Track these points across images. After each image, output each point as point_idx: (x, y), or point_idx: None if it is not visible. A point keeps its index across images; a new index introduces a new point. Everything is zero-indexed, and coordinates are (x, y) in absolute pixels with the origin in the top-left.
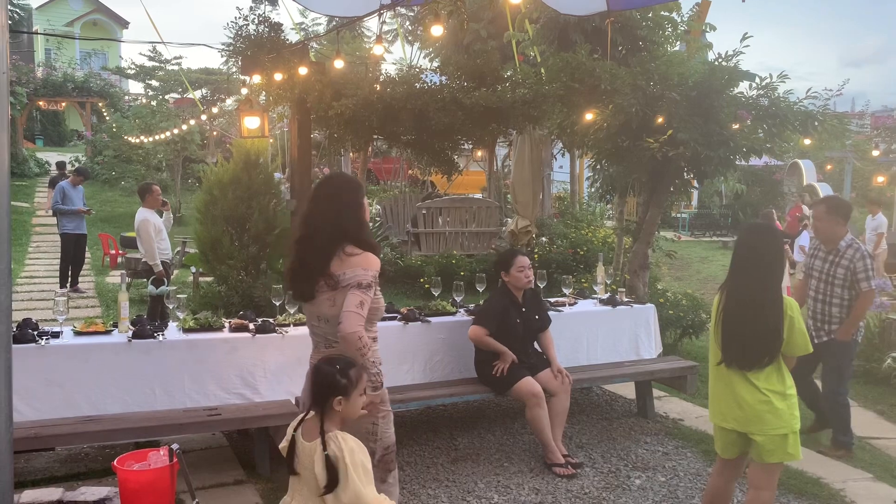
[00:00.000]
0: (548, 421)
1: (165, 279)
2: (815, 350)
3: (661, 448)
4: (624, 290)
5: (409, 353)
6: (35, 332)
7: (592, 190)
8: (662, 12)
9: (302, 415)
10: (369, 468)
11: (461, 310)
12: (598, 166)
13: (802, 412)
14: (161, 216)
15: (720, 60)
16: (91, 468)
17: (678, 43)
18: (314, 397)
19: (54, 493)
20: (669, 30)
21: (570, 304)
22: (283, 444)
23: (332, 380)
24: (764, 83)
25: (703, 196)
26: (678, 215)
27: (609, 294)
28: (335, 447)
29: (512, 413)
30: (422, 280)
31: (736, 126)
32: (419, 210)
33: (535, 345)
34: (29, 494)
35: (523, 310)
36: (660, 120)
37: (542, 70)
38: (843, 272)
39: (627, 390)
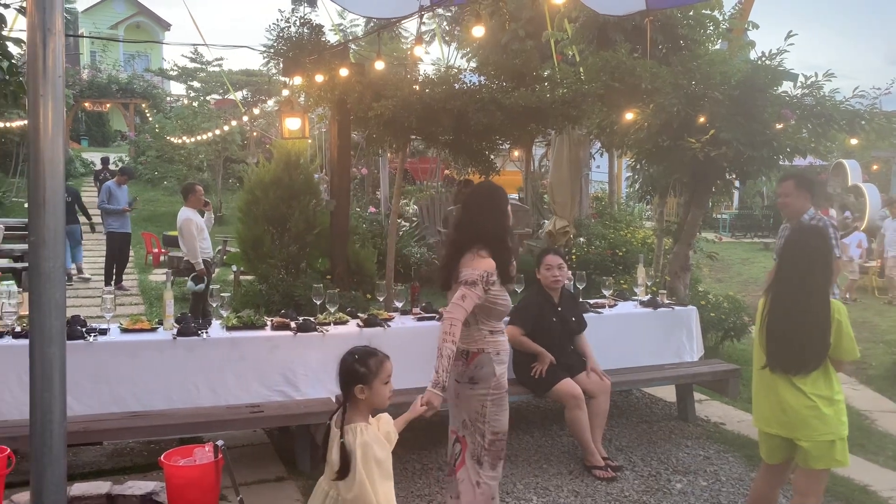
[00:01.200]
0: (587, 423)
1: (206, 277)
2: None
3: (703, 452)
4: (665, 291)
5: None
6: (83, 329)
7: (631, 190)
8: (704, 10)
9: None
10: (386, 464)
11: None
12: (638, 166)
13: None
14: (203, 216)
15: (763, 59)
16: (136, 462)
17: (719, 41)
18: (340, 387)
19: (103, 486)
20: (711, 28)
21: (610, 306)
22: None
23: (351, 368)
24: (809, 82)
25: (745, 197)
26: (719, 216)
27: (650, 296)
28: (350, 438)
29: (551, 415)
30: None
31: (780, 126)
32: (450, 212)
33: (573, 346)
34: (79, 487)
35: (559, 310)
36: (702, 119)
37: (581, 69)
38: None
39: (668, 393)
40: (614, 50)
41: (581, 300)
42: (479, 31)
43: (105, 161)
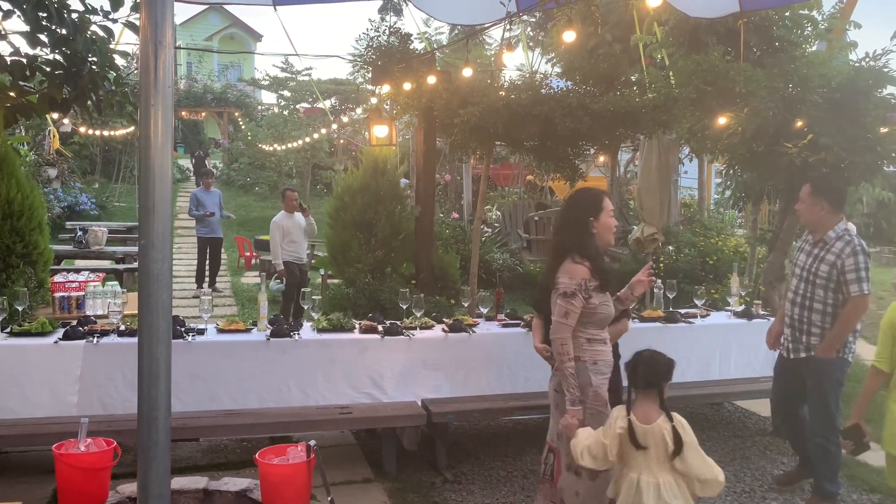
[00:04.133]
0: None
1: (283, 278)
2: (796, 371)
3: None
4: (759, 302)
5: (531, 361)
6: (182, 329)
7: (722, 196)
8: (801, 10)
9: (626, 401)
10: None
11: None
12: (731, 172)
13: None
14: (294, 219)
15: (867, 60)
16: (230, 459)
17: (817, 42)
18: (649, 381)
19: (200, 481)
20: (809, 29)
21: (702, 316)
22: (622, 425)
23: (670, 368)
24: None
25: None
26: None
27: (744, 306)
28: (676, 422)
29: None
30: None
31: (884, 130)
32: (531, 218)
33: None
34: (178, 481)
35: None
36: (799, 124)
37: (671, 73)
38: (826, 269)
39: (762, 408)
40: (706, 53)
41: (671, 309)
42: (570, 36)
43: (203, 154)
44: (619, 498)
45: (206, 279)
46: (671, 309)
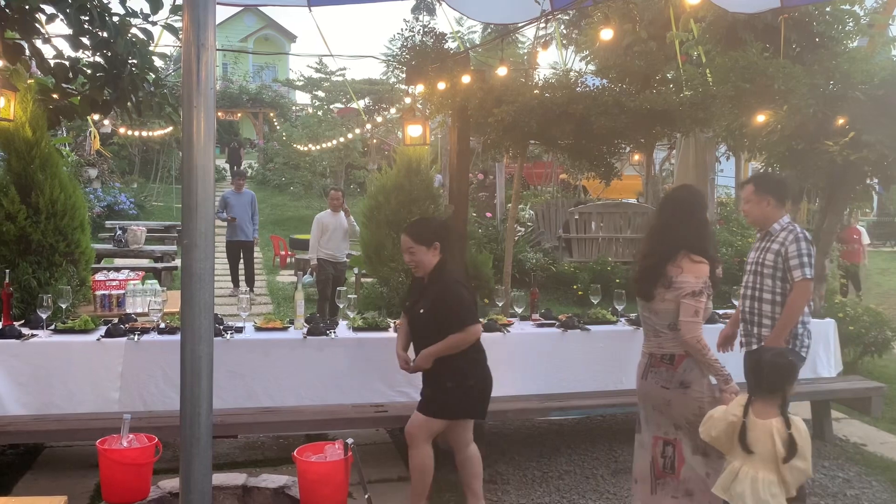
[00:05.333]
0: None
1: (314, 273)
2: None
3: (842, 474)
4: None
5: (567, 361)
6: (221, 327)
7: None
8: (842, 6)
9: (746, 398)
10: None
11: (622, 319)
12: (770, 170)
13: None
14: (337, 218)
15: None
16: (267, 456)
17: (858, 38)
18: (773, 386)
19: (239, 477)
20: (850, 24)
21: None
22: (737, 414)
23: (795, 370)
24: None
25: (886, 202)
26: (859, 225)
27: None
28: (794, 428)
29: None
30: (575, 287)
31: None
32: (571, 215)
33: None
34: (217, 478)
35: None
36: (841, 121)
37: (708, 70)
38: (772, 257)
39: (802, 410)
40: (744, 50)
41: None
42: (607, 34)
43: (238, 146)
44: (720, 477)
45: (241, 281)
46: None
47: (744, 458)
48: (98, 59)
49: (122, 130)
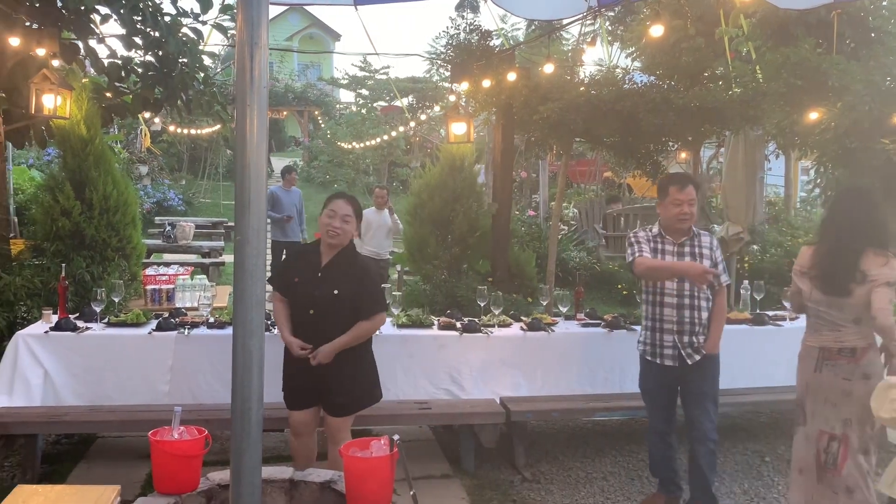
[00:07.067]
0: None
1: None
2: (680, 379)
3: None
4: None
5: (612, 361)
6: (268, 322)
7: (809, 195)
8: None
9: None
10: None
11: None
12: (822, 169)
13: None
14: (381, 216)
15: None
16: (320, 451)
17: None
18: None
19: (286, 471)
20: None
21: (791, 319)
22: None
23: None
24: None
25: None
26: None
27: None
28: None
29: (722, 430)
30: (619, 286)
31: None
32: (608, 214)
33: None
34: (265, 471)
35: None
36: None
37: (758, 67)
38: (709, 264)
39: None
40: (795, 46)
41: (759, 311)
42: (658, 31)
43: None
44: (885, 473)
45: None
46: (758, 311)
47: None
48: (150, 58)
49: (171, 128)
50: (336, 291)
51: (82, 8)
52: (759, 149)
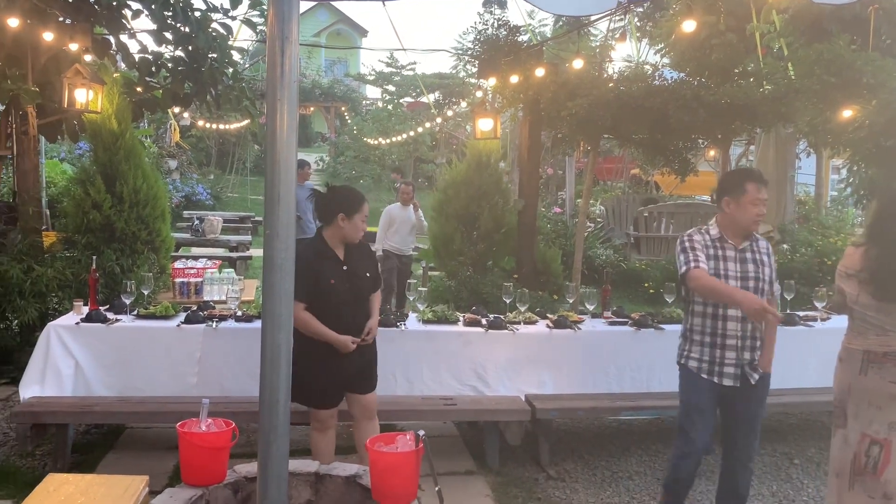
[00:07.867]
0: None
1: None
2: (734, 400)
3: None
4: None
5: (639, 360)
6: None
7: (841, 193)
8: None
9: None
10: None
11: None
12: (855, 168)
13: None
14: (406, 212)
15: None
16: (338, 445)
17: None
18: None
19: (312, 464)
20: None
21: (823, 320)
22: None
23: None
24: None
25: None
26: None
27: None
28: None
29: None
30: (646, 285)
31: None
32: (640, 213)
33: None
34: (292, 464)
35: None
36: None
37: (790, 63)
38: (769, 271)
39: None
40: (829, 42)
41: (789, 311)
42: (690, 26)
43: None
44: None
45: None
46: (789, 311)
47: None
48: (180, 53)
49: (200, 123)
50: (368, 274)
51: (114, 3)
52: (790, 147)
